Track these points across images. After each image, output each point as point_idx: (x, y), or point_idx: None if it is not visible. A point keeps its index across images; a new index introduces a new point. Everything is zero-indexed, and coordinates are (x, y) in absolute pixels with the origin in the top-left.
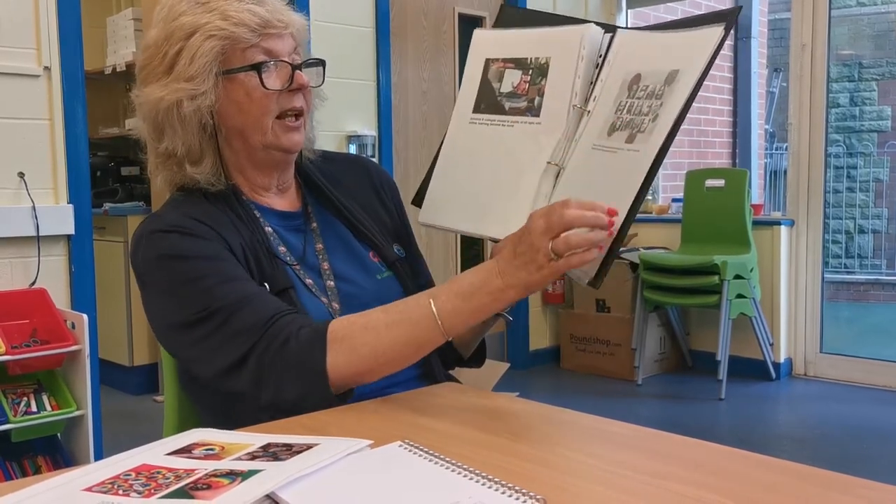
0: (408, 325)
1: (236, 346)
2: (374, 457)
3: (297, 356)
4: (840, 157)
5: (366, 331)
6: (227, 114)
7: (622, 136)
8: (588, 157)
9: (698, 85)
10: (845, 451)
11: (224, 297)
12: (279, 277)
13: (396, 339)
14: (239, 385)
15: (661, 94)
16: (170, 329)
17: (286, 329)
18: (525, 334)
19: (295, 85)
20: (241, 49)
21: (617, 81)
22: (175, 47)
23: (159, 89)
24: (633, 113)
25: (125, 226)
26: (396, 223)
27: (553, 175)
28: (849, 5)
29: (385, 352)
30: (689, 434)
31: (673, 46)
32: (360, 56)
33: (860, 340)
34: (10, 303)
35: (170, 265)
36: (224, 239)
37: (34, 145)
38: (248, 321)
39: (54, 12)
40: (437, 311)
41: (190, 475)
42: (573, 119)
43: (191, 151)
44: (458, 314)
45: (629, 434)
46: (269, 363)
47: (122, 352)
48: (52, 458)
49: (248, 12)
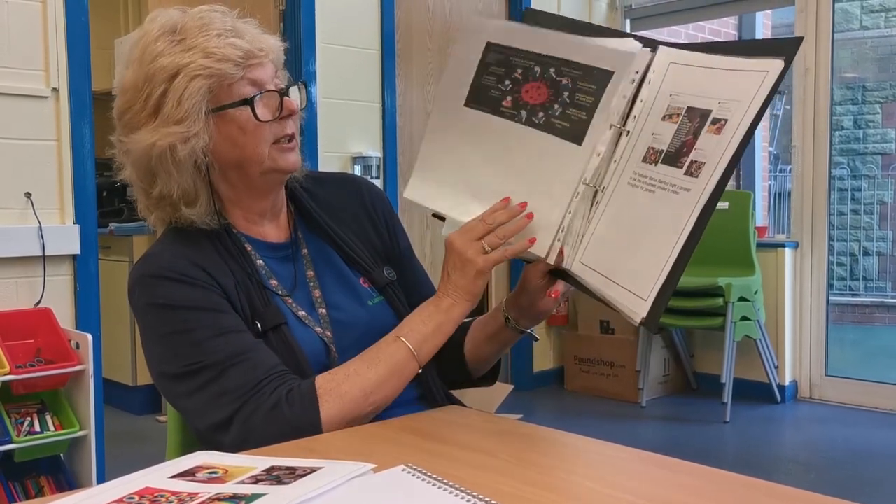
0: (385, 361)
1: (222, 407)
2: (378, 481)
3: (292, 418)
4: (844, 180)
5: (348, 377)
6: (221, 150)
7: (667, 168)
8: (630, 189)
9: (756, 121)
10: (851, 475)
11: (214, 353)
12: (271, 314)
13: (379, 375)
14: (226, 442)
15: (712, 126)
16: (162, 377)
17: (275, 393)
18: (529, 355)
19: (285, 112)
20: (227, 85)
21: (660, 104)
22: (158, 90)
23: (149, 134)
24: (678, 143)
25: (130, 245)
26: (387, 244)
27: (590, 197)
28: (852, 28)
29: (372, 390)
30: (694, 457)
31: (727, 76)
32: (366, 77)
33: (866, 363)
34: (16, 322)
35: (161, 314)
36: (217, 282)
37: (41, 166)
38: (235, 382)
39: (63, 34)
40: (408, 342)
41: (193, 499)
42: (611, 139)
43: (186, 193)
44: (426, 340)
45: (633, 459)
46: (258, 426)
47: (125, 371)
48: (55, 479)
49: (230, 47)
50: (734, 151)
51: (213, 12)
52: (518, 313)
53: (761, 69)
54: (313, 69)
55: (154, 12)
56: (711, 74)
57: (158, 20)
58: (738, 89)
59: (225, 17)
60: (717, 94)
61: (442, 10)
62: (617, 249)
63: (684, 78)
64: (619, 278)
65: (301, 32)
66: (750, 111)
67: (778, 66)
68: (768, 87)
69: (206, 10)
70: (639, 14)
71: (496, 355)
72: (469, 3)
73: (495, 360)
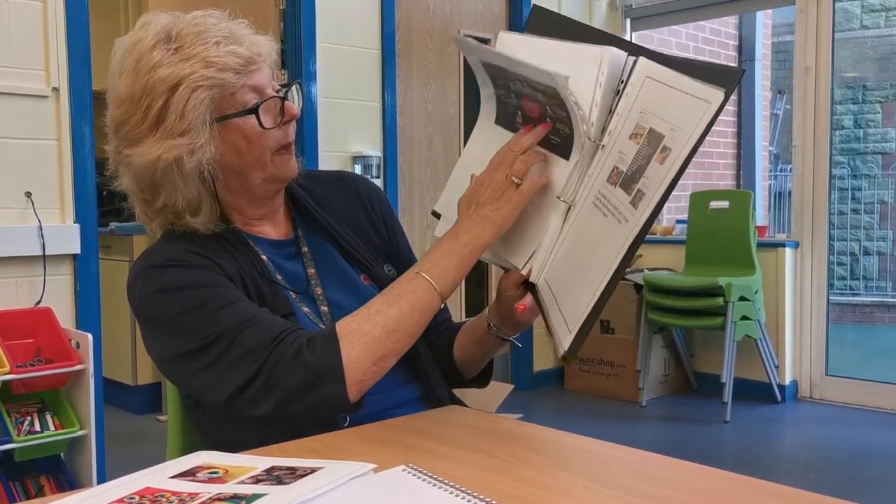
0: (407, 297)
1: (245, 367)
2: (378, 481)
3: (314, 363)
4: (845, 179)
5: (370, 317)
6: (224, 159)
7: (621, 193)
8: (592, 209)
9: (692, 153)
10: (851, 475)
11: (227, 321)
12: (280, 303)
13: (401, 312)
14: (251, 401)
15: (660, 155)
16: (174, 360)
17: (296, 343)
18: (529, 355)
19: (287, 118)
20: (229, 93)
21: (631, 121)
22: (158, 101)
23: (153, 147)
24: (634, 167)
25: (130, 245)
26: (386, 240)
27: (563, 212)
28: (852, 28)
29: (395, 327)
30: (694, 457)
31: (681, 98)
32: (366, 77)
33: (866, 363)
34: (16, 322)
35: (169, 298)
36: (219, 266)
37: (42, 165)
38: (254, 341)
39: (63, 34)
40: (429, 276)
41: (194, 499)
42: (588, 152)
43: (190, 203)
44: (447, 273)
45: (633, 459)
46: (282, 377)
47: (125, 371)
48: (55, 478)
49: (230, 55)
50: (668, 184)
51: (207, 17)
52: (499, 321)
53: (706, 99)
54: (313, 69)
55: (144, 17)
56: (673, 96)
57: (151, 27)
58: (685, 116)
59: (219, 23)
60: (672, 119)
61: (442, 10)
62: (570, 271)
63: (653, 95)
64: (562, 303)
65: (301, 32)
66: (689, 142)
67: (718, 98)
68: (707, 119)
69: (201, 16)
70: (639, 14)
71: (482, 359)
72: (469, 3)
73: (483, 363)
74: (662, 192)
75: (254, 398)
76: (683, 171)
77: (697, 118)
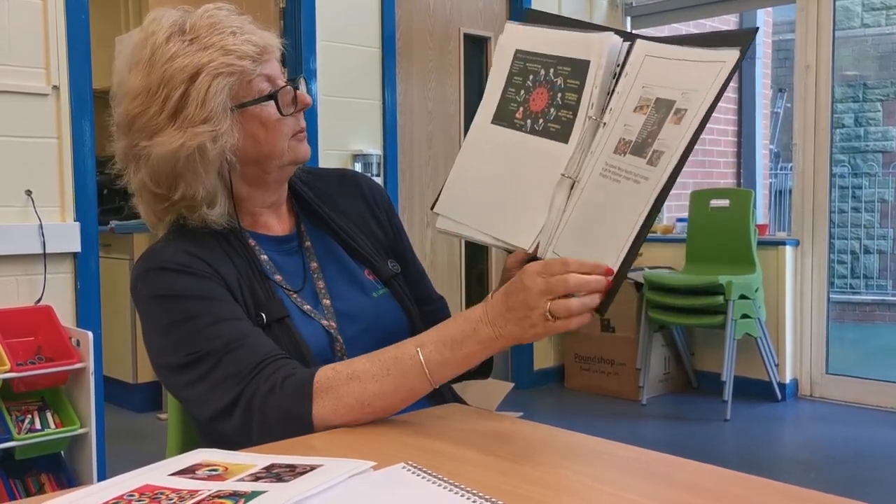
0: (395, 376)
1: (224, 392)
2: (378, 478)
3: (282, 407)
4: (845, 178)
5: (351, 381)
6: (243, 147)
7: (633, 158)
8: (601, 180)
9: (710, 111)
10: (852, 474)
11: (213, 341)
12: (274, 307)
13: (383, 389)
14: (229, 429)
15: (674, 117)
16: (164, 369)
17: (272, 378)
18: (529, 353)
19: (300, 106)
20: (247, 81)
21: (633, 96)
22: (177, 91)
23: (174, 136)
24: (644, 134)
25: (131, 243)
26: (390, 237)
27: (567, 188)
28: (853, 26)
29: (371, 402)
30: (694, 455)
31: (690, 66)
32: (367, 76)
33: (866, 361)
34: (16, 320)
35: (164, 304)
36: (219, 274)
37: (42, 163)
38: (234, 368)
39: (63, 32)
40: (425, 361)
41: (193, 496)
42: (588, 130)
43: (209, 193)
44: (447, 364)
45: (633, 457)
46: (257, 410)
47: (126, 369)
48: (55, 476)
49: (247, 43)
50: (689, 140)
51: (219, 10)
52: None
53: (719, 59)
54: (314, 67)
55: (153, 13)
56: (678, 66)
57: (163, 21)
58: (698, 79)
59: (230, 15)
60: (681, 85)
61: (443, 9)
62: (584, 237)
63: (656, 70)
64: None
65: (301, 30)
66: (706, 100)
67: (734, 57)
68: (724, 76)
69: (213, 9)
70: (640, 12)
71: None
72: (469, 2)
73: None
74: (685, 146)
75: (231, 423)
76: (703, 128)
77: (712, 78)
